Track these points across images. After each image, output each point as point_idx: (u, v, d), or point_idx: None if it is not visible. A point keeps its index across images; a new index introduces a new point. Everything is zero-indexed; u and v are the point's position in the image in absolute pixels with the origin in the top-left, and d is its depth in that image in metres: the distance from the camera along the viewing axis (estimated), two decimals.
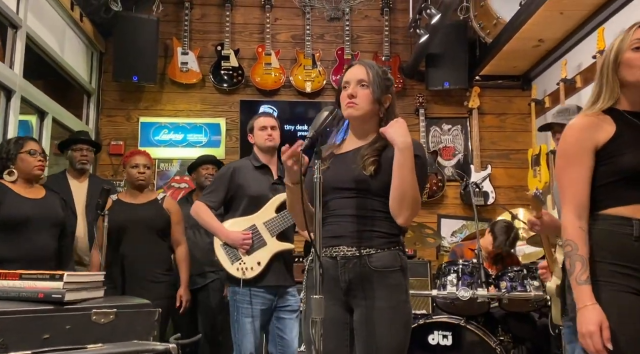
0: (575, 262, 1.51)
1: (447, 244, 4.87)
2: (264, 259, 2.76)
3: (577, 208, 1.55)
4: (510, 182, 4.97)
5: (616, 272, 1.50)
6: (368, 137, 1.82)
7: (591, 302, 1.47)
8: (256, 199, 2.84)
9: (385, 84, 1.80)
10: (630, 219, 1.52)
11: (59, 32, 4.22)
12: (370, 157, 1.72)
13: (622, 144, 1.55)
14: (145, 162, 3.21)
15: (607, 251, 1.52)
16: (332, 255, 1.73)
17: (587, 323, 1.45)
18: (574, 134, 1.60)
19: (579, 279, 1.49)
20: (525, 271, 3.10)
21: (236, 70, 4.95)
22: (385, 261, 1.71)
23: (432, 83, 4.93)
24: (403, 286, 1.73)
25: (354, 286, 1.72)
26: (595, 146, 1.57)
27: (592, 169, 1.57)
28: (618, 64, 1.59)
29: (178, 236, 3.23)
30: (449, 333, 2.94)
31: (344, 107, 1.78)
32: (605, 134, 1.57)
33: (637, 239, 1.50)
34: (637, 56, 1.56)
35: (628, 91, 1.60)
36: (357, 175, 1.72)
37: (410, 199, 1.68)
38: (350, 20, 5.04)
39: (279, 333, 2.86)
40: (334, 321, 1.71)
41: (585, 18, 3.92)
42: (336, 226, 1.73)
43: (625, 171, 1.53)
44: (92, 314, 1.69)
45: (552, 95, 4.56)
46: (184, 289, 3.17)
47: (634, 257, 1.50)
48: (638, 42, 1.56)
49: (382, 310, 1.68)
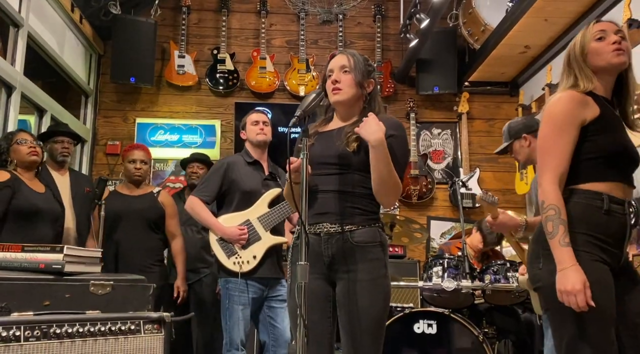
0: (558, 225, 1.57)
1: (436, 245, 4.97)
2: (260, 253, 2.86)
3: (558, 177, 1.63)
4: (498, 185, 5.09)
5: (590, 242, 1.60)
6: (351, 119, 1.93)
7: (573, 263, 1.54)
8: (249, 195, 2.93)
9: (366, 69, 1.92)
10: (601, 194, 1.63)
11: (59, 33, 4.33)
12: (353, 135, 1.82)
13: (605, 125, 1.67)
14: (143, 157, 3.30)
15: (583, 222, 1.61)
16: (317, 232, 1.83)
17: (573, 281, 1.51)
18: (565, 105, 1.68)
19: (562, 241, 1.56)
20: (509, 264, 3.20)
21: (231, 74, 5.07)
22: (366, 236, 1.81)
23: (423, 88, 5.06)
24: (382, 261, 1.83)
25: (336, 260, 1.81)
26: (582, 121, 1.66)
27: (576, 142, 1.65)
28: (585, 56, 1.74)
29: (173, 229, 3.32)
30: (434, 322, 3.02)
31: (330, 95, 1.89)
32: (591, 111, 1.67)
33: (606, 212, 1.61)
34: (602, 44, 1.72)
35: (600, 77, 1.75)
36: (341, 151, 1.83)
37: (390, 187, 1.78)
38: (344, 26, 5.18)
39: (271, 321, 2.93)
40: (318, 294, 1.81)
41: (569, 25, 4.07)
42: (320, 203, 1.83)
43: (607, 150, 1.65)
44: (90, 284, 1.78)
45: (539, 100, 4.69)
46: (181, 280, 3.26)
47: (604, 230, 1.62)
48: (599, 33, 1.73)
49: (363, 282, 1.77)
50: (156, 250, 3.28)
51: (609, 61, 1.71)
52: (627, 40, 1.74)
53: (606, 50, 1.71)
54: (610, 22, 1.77)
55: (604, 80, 1.75)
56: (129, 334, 1.60)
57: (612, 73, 1.75)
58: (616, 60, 1.70)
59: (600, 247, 1.61)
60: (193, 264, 3.60)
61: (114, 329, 1.57)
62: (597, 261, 1.60)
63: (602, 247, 1.61)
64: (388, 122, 1.83)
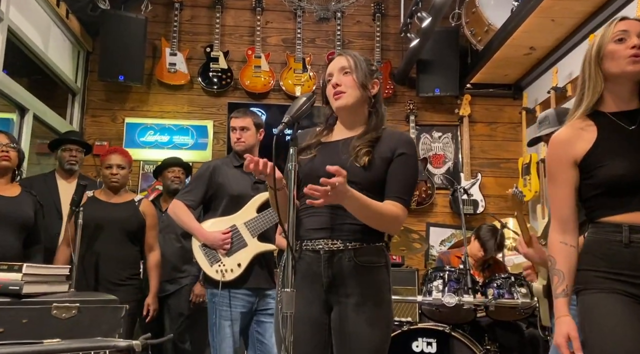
0: (553, 276, 1.55)
1: (435, 253, 4.79)
2: (245, 261, 2.67)
3: (560, 224, 1.58)
4: (500, 191, 4.92)
5: (606, 278, 1.48)
6: (357, 129, 1.75)
7: (563, 314, 1.51)
8: (237, 199, 2.74)
9: (369, 69, 1.74)
10: (620, 226, 1.48)
11: (44, 28, 4.14)
12: (364, 148, 1.64)
13: (600, 155, 1.52)
14: (120, 162, 3.09)
15: (599, 257, 1.50)
16: (315, 248, 1.64)
17: (557, 334, 1.49)
18: (551, 151, 1.62)
19: (555, 292, 1.54)
20: (513, 278, 3.02)
21: (225, 73, 4.89)
22: (370, 256, 1.63)
23: (423, 90, 4.88)
24: (387, 284, 1.65)
25: (336, 282, 1.63)
26: (574, 160, 1.56)
27: (573, 183, 1.57)
28: (601, 58, 1.56)
29: (151, 241, 3.14)
30: (434, 340, 2.84)
31: (332, 101, 1.71)
32: (584, 144, 1.55)
33: (626, 245, 1.46)
34: (620, 47, 1.53)
35: (612, 85, 1.57)
36: (349, 166, 1.63)
37: (385, 225, 1.65)
38: (342, 25, 5.00)
39: (259, 337, 2.75)
40: (312, 323, 1.62)
41: (577, 26, 3.89)
42: (321, 217, 1.64)
43: (605, 184, 1.51)
44: (52, 308, 1.59)
45: (543, 103, 4.52)
46: (152, 298, 3.07)
47: (625, 264, 1.46)
48: (620, 34, 1.54)
49: (365, 308, 1.59)
50: (133, 262, 3.10)
51: (622, 69, 1.52)
52: None
53: (622, 55, 1.51)
54: (637, 21, 1.57)
55: (621, 86, 1.56)
56: None
57: (630, 81, 1.55)
58: (630, 69, 1.51)
59: (621, 282, 1.46)
60: (171, 275, 3.42)
61: None
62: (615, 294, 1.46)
63: (625, 281, 1.46)
64: (399, 138, 1.68)
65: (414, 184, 1.73)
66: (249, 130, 2.82)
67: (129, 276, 3.03)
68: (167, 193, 3.65)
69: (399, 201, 1.64)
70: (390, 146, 1.68)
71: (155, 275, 3.12)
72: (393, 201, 1.64)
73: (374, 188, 1.63)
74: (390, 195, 1.65)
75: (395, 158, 1.66)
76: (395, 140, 1.69)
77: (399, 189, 1.65)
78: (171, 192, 3.58)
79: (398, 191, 1.65)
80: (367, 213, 1.58)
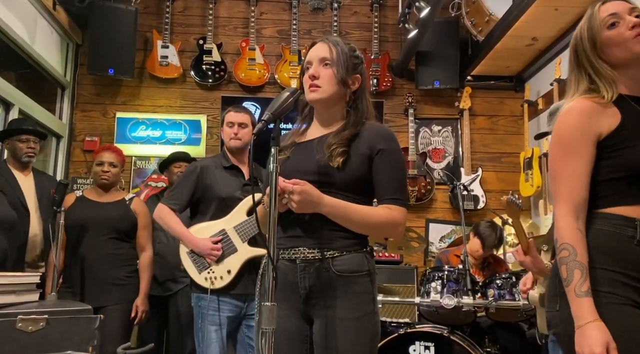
0: (573, 270, 1.29)
1: (435, 249, 4.68)
2: (235, 267, 2.55)
3: (575, 207, 1.33)
4: (501, 186, 4.79)
5: (617, 281, 1.30)
6: (334, 125, 1.63)
7: (594, 318, 1.25)
8: (226, 202, 2.63)
9: (352, 63, 1.61)
10: (633, 220, 1.32)
11: (29, 20, 4.00)
12: (339, 148, 1.52)
13: (628, 136, 1.35)
14: (112, 160, 3.00)
15: (607, 255, 1.32)
16: (292, 257, 1.53)
17: (591, 344, 1.23)
18: (573, 119, 1.38)
19: (579, 291, 1.27)
20: (514, 278, 2.90)
21: (218, 66, 4.75)
22: (350, 264, 1.51)
23: (422, 82, 4.75)
24: (370, 294, 1.53)
25: (314, 293, 1.52)
26: (597, 135, 1.35)
27: (593, 161, 1.35)
28: (600, 50, 1.41)
29: (144, 241, 3.03)
30: (432, 344, 2.73)
31: (306, 91, 1.59)
32: (609, 121, 1.36)
33: (639, 243, 1.30)
34: (619, 31, 1.38)
35: (624, 71, 1.41)
36: (323, 166, 1.52)
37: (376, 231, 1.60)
38: (339, 15, 4.87)
39: (249, 341, 2.65)
40: (291, 335, 1.52)
41: (581, 15, 3.66)
42: (295, 224, 1.53)
43: (632, 168, 1.33)
44: (17, 321, 1.48)
45: (546, 96, 4.39)
46: (141, 299, 2.96)
47: (634, 264, 1.30)
48: (611, 17, 1.40)
49: (346, 321, 1.48)
50: (129, 260, 2.99)
51: (633, 51, 1.37)
52: None
53: (626, 37, 1.37)
54: (621, 1, 1.42)
55: (632, 72, 1.41)
56: None
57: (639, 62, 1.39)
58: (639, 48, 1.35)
59: (633, 287, 1.30)
60: (172, 273, 3.32)
61: None
62: (625, 305, 1.28)
63: (632, 285, 1.29)
64: (377, 133, 1.56)
65: (404, 179, 1.61)
66: (247, 127, 2.71)
67: (127, 274, 2.94)
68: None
69: (394, 203, 1.54)
70: (368, 142, 1.56)
71: (146, 276, 3.02)
72: (387, 204, 1.53)
73: (352, 188, 1.52)
74: (383, 198, 1.55)
75: (375, 156, 1.54)
76: (373, 135, 1.57)
77: (390, 190, 1.54)
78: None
79: (389, 192, 1.54)
80: (353, 220, 1.48)
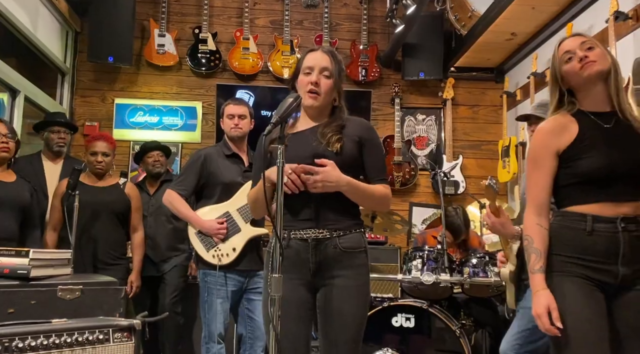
0: (530, 254, 1.70)
1: (417, 231, 4.97)
2: (239, 245, 2.83)
3: (536, 208, 1.73)
4: (480, 172, 5.08)
5: (569, 262, 1.67)
6: (321, 118, 1.90)
7: (542, 287, 1.66)
8: (228, 186, 2.89)
9: (343, 74, 1.93)
10: (585, 216, 1.67)
11: (32, 8, 4.15)
12: (335, 135, 1.80)
13: (582, 148, 1.70)
14: (105, 150, 3.18)
15: (563, 243, 1.69)
16: (303, 237, 1.80)
17: (537, 305, 1.64)
18: (539, 139, 1.76)
19: (533, 269, 1.68)
20: (488, 258, 3.20)
21: (213, 54, 4.94)
22: (353, 242, 1.82)
23: (408, 73, 4.99)
24: (366, 267, 1.85)
25: (323, 267, 1.80)
26: (557, 150, 1.72)
27: (554, 171, 1.73)
28: (562, 79, 1.77)
29: (136, 222, 3.29)
30: (412, 316, 3.04)
31: (304, 95, 1.83)
32: (568, 136, 1.72)
33: (589, 233, 1.66)
34: (572, 65, 1.74)
35: (584, 93, 1.76)
36: (322, 152, 1.79)
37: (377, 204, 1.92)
38: (329, 7, 5.06)
39: (249, 314, 2.93)
40: (297, 302, 1.79)
41: (557, 13, 4.01)
42: (304, 207, 1.79)
43: (583, 175, 1.68)
44: (57, 290, 1.73)
45: (524, 88, 4.65)
46: (135, 275, 3.24)
47: (586, 250, 1.66)
48: (566, 54, 1.76)
49: (348, 288, 1.78)
50: (121, 243, 3.27)
51: (583, 77, 1.73)
52: (597, 46, 1.74)
53: (576, 69, 1.73)
54: (574, 37, 1.78)
55: (592, 91, 1.75)
56: (97, 343, 1.56)
57: (594, 84, 1.74)
58: (587, 73, 1.72)
59: (584, 266, 1.66)
60: (165, 254, 3.57)
61: (81, 339, 1.52)
62: (573, 277, 1.65)
63: (587, 265, 1.66)
64: (362, 125, 1.89)
65: (385, 162, 2.01)
66: (246, 118, 2.97)
67: (119, 255, 3.20)
68: (151, 177, 3.72)
69: (383, 182, 1.89)
70: (354, 131, 1.87)
71: (139, 254, 3.28)
72: (379, 183, 1.87)
73: (348, 169, 1.80)
74: (375, 179, 1.88)
75: (364, 144, 1.86)
76: (357, 126, 1.89)
77: (379, 173, 1.89)
78: (154, 176, 3.69)
79: (378, 174, 1.89)
80: (363, 195, 1.81)
